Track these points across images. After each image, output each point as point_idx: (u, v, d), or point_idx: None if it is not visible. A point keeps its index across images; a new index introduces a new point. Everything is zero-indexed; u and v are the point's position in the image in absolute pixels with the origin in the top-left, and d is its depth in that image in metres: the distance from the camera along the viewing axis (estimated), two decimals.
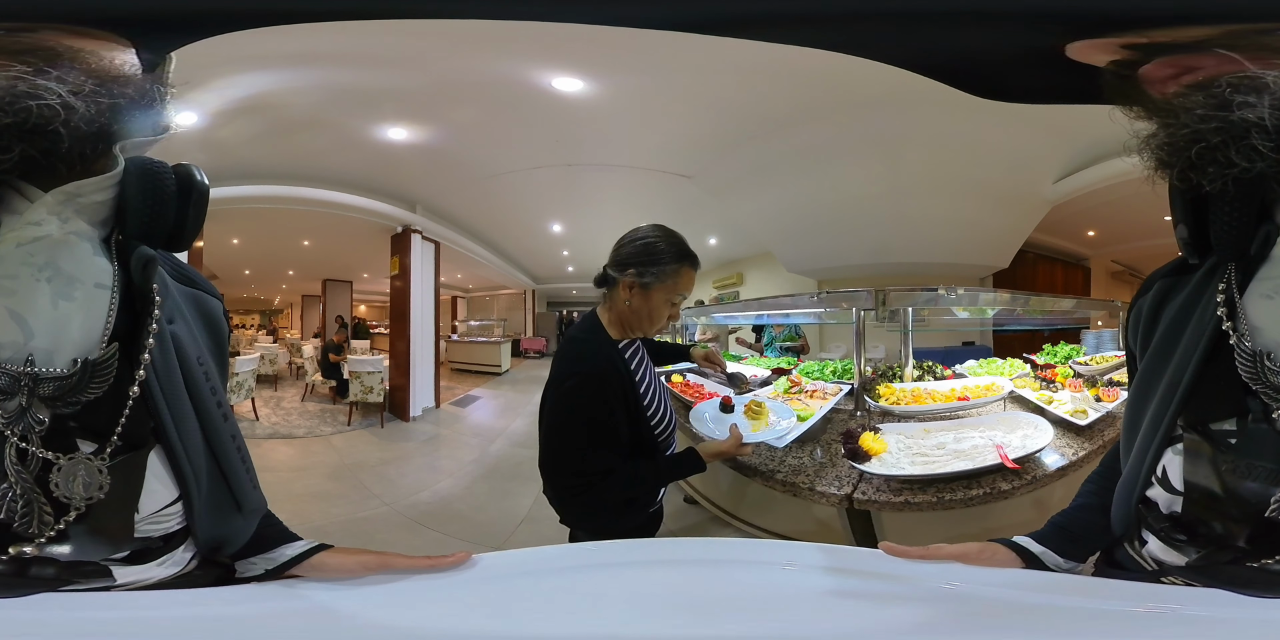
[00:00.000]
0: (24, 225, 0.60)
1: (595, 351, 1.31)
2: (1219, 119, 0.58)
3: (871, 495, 1.52)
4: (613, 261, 1.29)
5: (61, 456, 0.60)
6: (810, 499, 1.57)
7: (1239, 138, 0.57)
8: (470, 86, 2.22)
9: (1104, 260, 2.15)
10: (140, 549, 0.67)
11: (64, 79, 0.57)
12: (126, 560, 0.67)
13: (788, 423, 1.61)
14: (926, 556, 0.75)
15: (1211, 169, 0.59)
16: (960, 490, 1.49)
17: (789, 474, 1.64)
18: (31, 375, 0.58)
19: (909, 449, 1.63)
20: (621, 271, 1.24)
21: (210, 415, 0.69)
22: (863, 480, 1.57)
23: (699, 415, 1.66)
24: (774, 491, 1.69)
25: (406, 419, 2.64)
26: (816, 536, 1.72)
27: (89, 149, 0.59)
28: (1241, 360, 0.62)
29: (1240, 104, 0.57)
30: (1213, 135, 0.58)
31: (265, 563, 0.76)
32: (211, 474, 0.69)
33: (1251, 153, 0.56)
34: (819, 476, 1.61)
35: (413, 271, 2.58)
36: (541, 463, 1.31)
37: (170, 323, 0.67)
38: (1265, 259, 0.64)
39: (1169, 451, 0.67)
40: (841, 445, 1.66)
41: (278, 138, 2.31)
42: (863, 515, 1.58)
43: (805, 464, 1.65)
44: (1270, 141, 0.56)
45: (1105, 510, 0.77)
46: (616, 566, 0.77)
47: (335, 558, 0.76)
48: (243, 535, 0.75)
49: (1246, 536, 0.62)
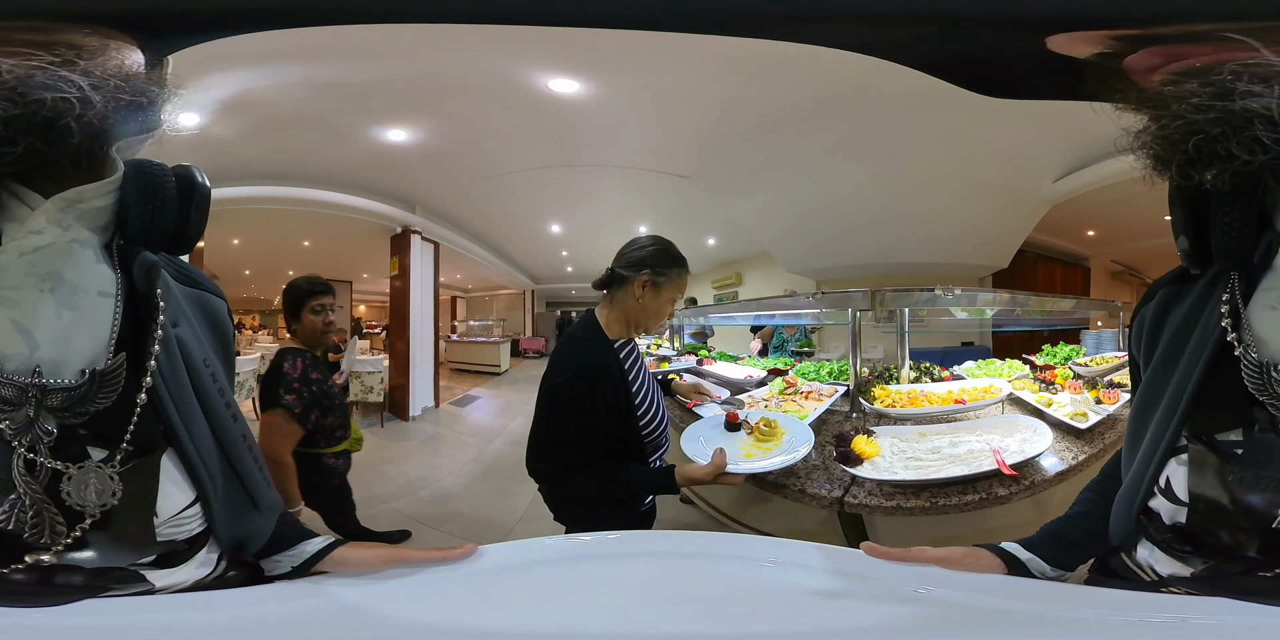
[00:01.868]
0: (25, 234, 0.59)
1: (590, 350, 1.36)
2: (1218, 109, 0.55)
3: (863, 499, 1.49)
4: (625, 263, 1.36)
5: (71, 466, 0.59)
6: (800, 501, 1.55)
7: (1240, 129, 0.55)
8: (469, 87, 2.23)
9: (1104, 260, 2.13)
10: (166, 552, 0.67)
11: (90, 72, 0.57)
12: (156, 564, 0.67)
13: (805, 448, 1.45)
14: (906, 558, 0.75)
15: (1211, 162, 0.57)
16: (955, 496, 1.46)
17: (781, 475, 1.60)
18: (39, 387, 0.58)
19: (903, 453, 1.59)
20: (637, 271, 1.33)
21: (220, 416, 0.69)
22: (854, 484, 1.54)
23: (693, 434, 1.53)
24: (768, 493, 1.68)
25: (406, 418, 2.66)
26: (812, 538, 1.72)
27: (96, 146, 0.59)
28: (1248, 371, 0.61)
29: (1244, 93, 0.55)
30: (1211, 126, 0.56)
31: (289, 560, 0.78)
32: (226, 474, 0.70)
33: (1254, 144, 0.54)
34: (809, 479, 1.58)
35: (412, 272, 2.59)
36: (527, 452, 1.38)
37: (175, 326, 0.67)
38: (1268, 269, 0.63)
39: (1172, 462, 0.67)
40: (834, 448, 1.63)
41: (277, 138, 2.33)
42: (855, 518, 1.57)
43: (798, 466, 1.59)
44: (1275, 132, 0.54)
45: (1102, 519, 0.76)
46: (609, 558, 0.80)
47: (354, 552, 0.78)
48: (263, 533, 0.77)
49: (1258, 547, 0.62)
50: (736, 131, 2.28)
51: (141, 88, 0.62)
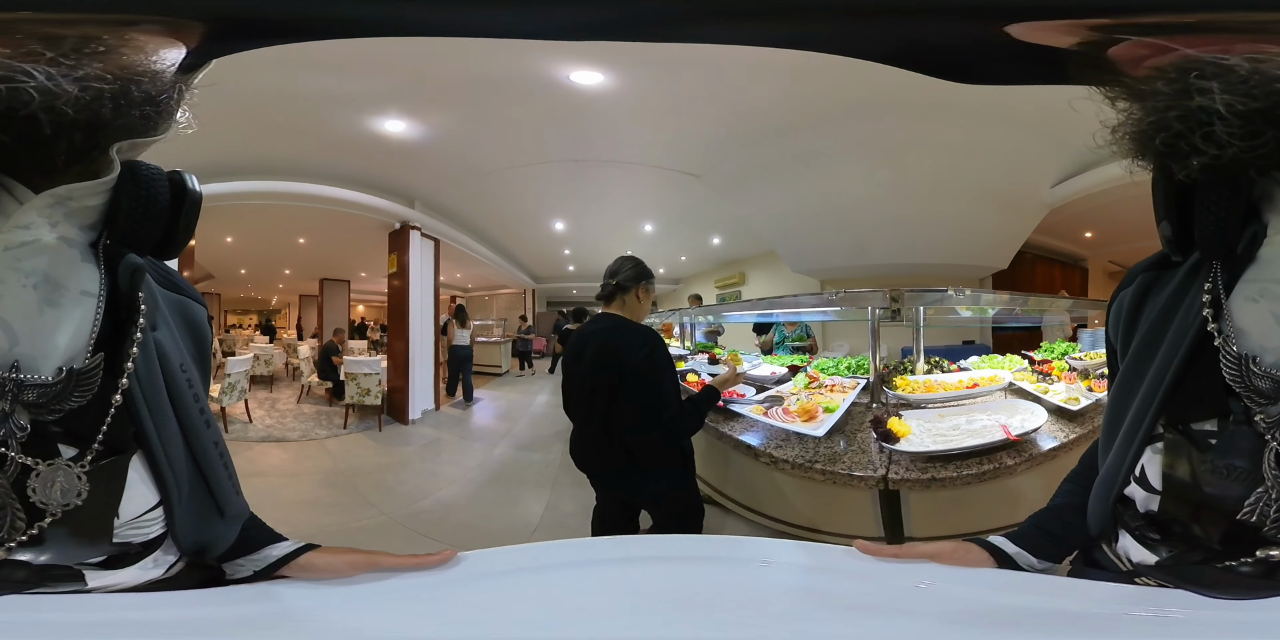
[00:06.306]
0: (12, 228, 0.58)
1: (644, 326, 1.70)
2: (1180, 107, 0.57)
3: (903, 475, 1.70)
4: (627, 278, 1.72)
5: (41, 462, 0.59)
6: (850, 485, 1.70)
7: (1203, 124, 0.55)
8: (475, 76, 2.15)
9: (1101, 260, 2.26)
10: (117, 554, 0.66)
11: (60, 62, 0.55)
12: (101, 564, 0.66)
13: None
14: (900, 555, 0.75)
15: (1181, 156, 0.57)
16: (975, 466, 1.73)
17: (826, 462, 1.75)
18: (16, 381, 0.57)
19: (929, 431, 1.83)
20: (636, 283, 1.72)
21: (193, 422, 0.68)
22: (892, 463, 1.73)
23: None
24: (817, 480, 1.74)
25: (405, 422, 2.55)
26: (850, 526, 1.79)
27: (80, 138, 0.57)
28: (1226, 363, 0.61)
29: (1199, 90, 0.55)
30: (1177, 123, 0.57)
31: (252, 564, 0.76)
32: (193, 480, 0.69)
33: (1218, 139, 0.55)
34: (854, 464, 1.75)
35: (411, 270, 2.49)
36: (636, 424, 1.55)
37: (154, 329, 0.66)
38: (1251, 260, 0.63)
39: (1148, 450, 0.67)
40: (873, 430, 1.82)
41: (267, 129, 2.19)
42: (893, 504, 1.69)
43: (839, 452, 1.78)
44: (1231, 128, 0.55)
45: (1084, 509, 0.77)
46: (601, 563, 0.77)
47: (323, 558, 0.75)
48: (225, 540, 0.75)
49: (1219, 537, 0.62)
50: (751, 132, 2.30)
51: (159, 89, 0.61)
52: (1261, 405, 0.60)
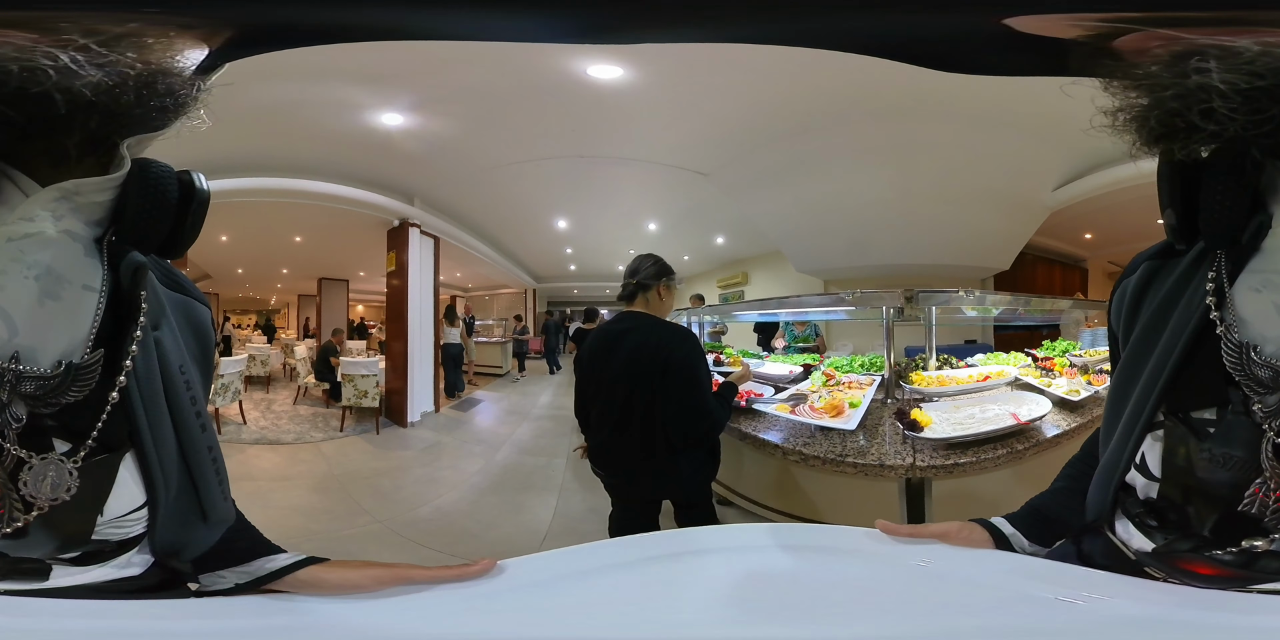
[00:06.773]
0: (16, 220, 0.59)
1: (675, 324, 1.72)
2: (1177, 86, 0.57)
3: (928, 462, 1.82)
4: (648, 276, 1.73)
5: (34, 455, 0.59)
6: (880, 476, 1.80)
7: (1200, 101, 0.56)
8: (480, 71, 2.08)
9: (1101, 261, 2.33)
10: (91, 551, 0.65)
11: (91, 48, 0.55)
12: (72, 560, 0.65)
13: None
14: (915, 534, 0.77)
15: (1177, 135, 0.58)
16: (990, 451, 1.89)
17: (856, 456, 1.83)
18: (14, 372, 0.58)
19: (948, 420, 1.98)
20: (657, 281, 1.72)
21: (187, 424, 0.67)
22: (916, 452, 1.86)
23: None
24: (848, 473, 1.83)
25: (404, 424, 2.47)
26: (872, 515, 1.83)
27: (96, 124, 0.56)
28: (1227, 351, 0.62)
29: (1196, 70, 0.56)
30: (1172, 101, 0.58)
31: (238, 576, 0.71)
32: (182, 482, 0.68)
33: (1217, 116, 0.56)
34: (883, 454, 1.85)
35: (411, 268, 2.41)
36: (685, 419, 1.57)
37: (155, 328, 0.66)
38: (1256, 250, 0.63)
39: (1149, 437, 0.68)
40: (898, 421, 1.94)
41: (261, 124, 2.09)
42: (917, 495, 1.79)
43: (863, 445, 1.87)
44: (1231, 103, 0.55)
45: (1082, 494, 0.78)
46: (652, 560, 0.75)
47: (335, 572, 0.69)
48: (202, 543, 0.72)
49: (1211, 526, 0.63)
50: (761, 133, 2.30)
51: (180, 85, 0.61)
52: (1260, 394, 0.61)
